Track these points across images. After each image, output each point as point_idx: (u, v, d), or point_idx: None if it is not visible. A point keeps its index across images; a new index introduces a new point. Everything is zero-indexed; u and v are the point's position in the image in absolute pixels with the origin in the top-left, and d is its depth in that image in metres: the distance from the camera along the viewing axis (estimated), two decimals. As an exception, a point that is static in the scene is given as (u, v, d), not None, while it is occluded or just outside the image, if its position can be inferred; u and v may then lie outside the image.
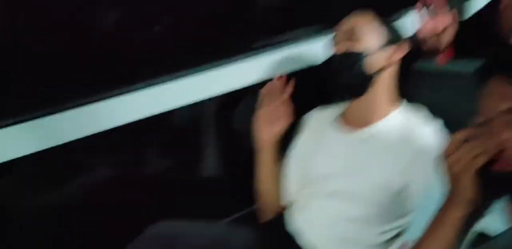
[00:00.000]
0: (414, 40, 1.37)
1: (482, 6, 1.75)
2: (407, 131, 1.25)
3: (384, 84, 1.29)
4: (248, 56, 1.49)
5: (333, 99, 1.45)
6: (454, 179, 0.87)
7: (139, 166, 1.54)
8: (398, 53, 1.30)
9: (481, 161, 0.84)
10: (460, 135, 0.86)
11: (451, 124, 1.22)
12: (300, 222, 1.32)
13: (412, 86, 1.38)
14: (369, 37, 1.27)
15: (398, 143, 1.24)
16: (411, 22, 1.75)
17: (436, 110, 1.30)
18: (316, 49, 1.54)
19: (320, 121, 1.41)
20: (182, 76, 1.40)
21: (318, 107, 1.46)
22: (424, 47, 1.44)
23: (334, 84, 1.30)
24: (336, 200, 1.27)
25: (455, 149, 0.86)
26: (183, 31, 1.46)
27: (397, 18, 1.74)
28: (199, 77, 1.42)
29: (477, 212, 0.93)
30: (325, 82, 1.31)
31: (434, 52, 1.44)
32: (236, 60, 1.48)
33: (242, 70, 1.48)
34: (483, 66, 0.93)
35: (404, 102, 1.33)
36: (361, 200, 1.24)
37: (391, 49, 1.29)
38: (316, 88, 1.41)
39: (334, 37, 1.32)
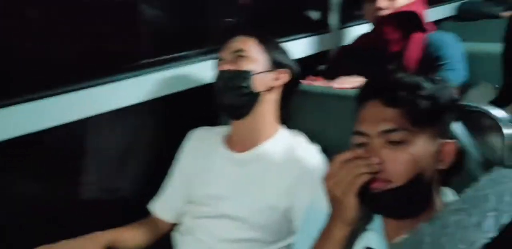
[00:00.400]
0: (298, 66, 1.39)
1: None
2: (291, 152, 1.27)
3: (269, 107, 1.31)
4: (135, 75, 1.43)
5: (221, 119, 1.44)
6: (336, 200, 0.89)
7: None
8: (283, 77, 1.31)
9: (361, 181, 0.87)
10: (341, 157, 0.89)
11: (333, 146, 1.26)
12: (187, 243, 1.30)
13: (296, 108, 1.40)
14: (254, 58, 1.29)
15: (282, 165, 1.26)
16: (298, 48, 1.83)
17: (319, 132, 1.33)
18: (204, 69, 1.53)
19: (206, 140, 1.39)
20: (63, 93, 1.28)
21: (204, 126, 1.44)
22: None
23: (220, 104, 1.30)
24: (222, 221, 1.27)
25: (336, 171, 0.88)
26: (61, 48, 1.36)
27: (284, 43, 1.81)
28: (81, 95, 1.32)
29: (361, 227, 0.96)
30: (212, 101, 1.31)
31: None
32: (121, 79, 1.40)
33: (127, 89, 1.40)
34: (362, 90, 0.98)
35: (286, 125, 1.34)
36: (247, 223, 1.24)
37: (276, 72, 1.31)
38: (204, 108, 1.39)
39: (220, 58, 1.32)
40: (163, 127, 1.57)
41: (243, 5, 2.03)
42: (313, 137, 1.32)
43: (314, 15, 2.13)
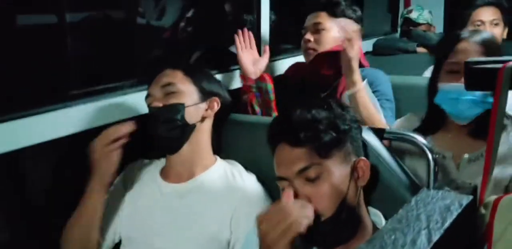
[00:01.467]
0: (228, 96, 1.41)
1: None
2: (229, 182, 1.27)
3: (203, 136, 1.31)
4: (67, 105, 1.39)
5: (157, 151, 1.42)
6: (267, 247, 0.88)
7: None
8: (214, 105, 1.32)
9: (296, 231, 0.87)
10: (279, 203, 0.92)
11: (268, 174, 1.28)
12: None
13: (229, 137, 1.42)
14: (183, 91, 1.28)
15: (221, 195, 1.26)
16: (231, 79, 1.88)
17: (253, 161, 1.35)
18: (139, 100, 1.52)
19: (143, 173, 1.36)
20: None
21: (142, 159, 1.41)
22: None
23: (154, 139, 1.29)
24: None
25: (273, 215, 0.89)
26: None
27: (219, 74, 1.85)
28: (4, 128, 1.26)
29: None
30: (147, 134, 1.30)
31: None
32: (52, 110, 1.36)
33: (58, 120, 1.37)
34: (268, 135, 1.03)
35: (219, 154, 1.35)
36: None
37: (207, 102, 1.31)
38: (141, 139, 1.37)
39: (149, 93, 1.31)
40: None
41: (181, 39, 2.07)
42: (248, 166, 1.33)
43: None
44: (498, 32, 2.07)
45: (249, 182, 1.27)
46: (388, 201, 1.07)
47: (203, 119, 1.31)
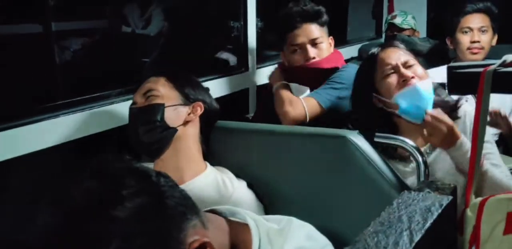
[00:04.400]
0: (215, 103, 1.39)
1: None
2: (220, 189, 1.25)
3: (189, 143, 1.30)
4: (51, 116, 1.37)
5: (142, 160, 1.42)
6: None
7: None
8: (197, 110, 1.31)
9: None
10: None
11: (258, 180, 1.29)
12: None
13: (218, 144, 1.39)
14: (164, 95, 1.29)
15: (211, 202, 1.23)
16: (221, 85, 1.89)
17: (242, 167, 1.33)
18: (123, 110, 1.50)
19: None
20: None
21: None
22: None
23: (135, 142, 1.29)
24: None
25: None
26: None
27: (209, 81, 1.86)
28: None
29: None
30: (131, 142, 1.29)
31: None
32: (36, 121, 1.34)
33: (42, 131, 1.34)
34: None
35: (211, 162, 1.32)
36: None
37: (189, 106, 1.30)
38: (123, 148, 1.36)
39: (133, 101, 1.32)
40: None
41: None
42: (239, 173, 1.32)
43: (233, 57, 2.22)
44: (487, 39, 2.08)
45: (240, 189, 1.26)
46: (379, 203, 1.08)
47: (185, 123, 1.29)
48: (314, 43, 1.71)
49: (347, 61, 2.77)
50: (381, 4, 3.52)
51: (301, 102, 1.60)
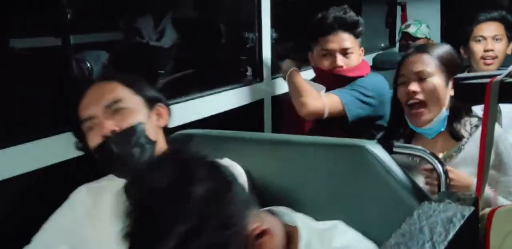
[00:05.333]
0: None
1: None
2: None
3: (162, 146, 1.19)
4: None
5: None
6: None
7: None
8: (161, 114, 1.20)
9: None
10: None
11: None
12: None
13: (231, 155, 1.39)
14: (133, 107, 1.14)
15: None
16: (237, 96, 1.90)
17: (259, 178, 1.30)
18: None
19: (95, 197, 1.22)
20: None
21: (87, 183, 1.27)
22: None
23: (120, 169, 1.14)
24: None
25: None
26: None
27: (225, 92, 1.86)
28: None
29: None
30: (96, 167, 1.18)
31: None
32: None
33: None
34: None
35: None
36: None
37: (155, 110, 1.19)
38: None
39: (91, 117, 1.13)
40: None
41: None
42: (253, 183, 1.32)
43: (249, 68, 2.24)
44: (501, 47, 2.06)
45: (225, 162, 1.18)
46: (398, 214, 1.07)
47: (157, 129, 1.18)
48: (345, 52, 1.73)
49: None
50: (394, 13, 3.52)
51: (321, 96, 1.60)
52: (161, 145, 1.18)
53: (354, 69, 1.74)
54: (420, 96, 1.36)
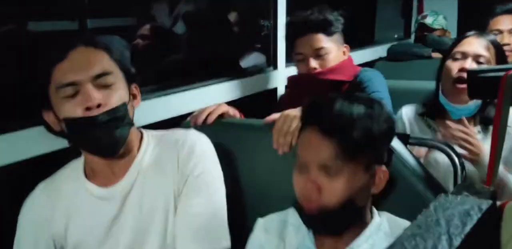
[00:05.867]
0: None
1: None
2: (164, 148, 1.17)
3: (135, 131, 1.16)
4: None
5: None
6: None
7: None
8: (136, 95, 1.15)
9: None
10: None
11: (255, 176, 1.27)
12: None
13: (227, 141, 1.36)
14: (119, 84, 1.07)
15: (166, 165, 1.15)
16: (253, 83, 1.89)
17: (269, 167, 1.31)
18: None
19: (60, 191, 1.17)
20: None
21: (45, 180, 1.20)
22: None
23: (94, 146, 1.09)
24: None
25: None
26: None
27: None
28: None
29: None
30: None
31: None
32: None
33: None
34: (303, 115, 1.05)
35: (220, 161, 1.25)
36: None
37: (133, 88, 1.14)
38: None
39: (77, 80, 1.02)
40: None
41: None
42: (245, 170, 1.30)
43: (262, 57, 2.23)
44: None
45: (181, 132, 1.21)
46: (414, 206, 1.07)
47: (132, 111, 1.13)
48: (317, 54, 1.67)
49: (375, 61, 2.76)
50: (410, 4, 3.48)
51: None
52: (134, 128, 1.14)
53: (335, 70, 1.67)
54: None
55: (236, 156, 1.32)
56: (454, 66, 1.52)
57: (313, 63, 1.67)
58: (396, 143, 1.12)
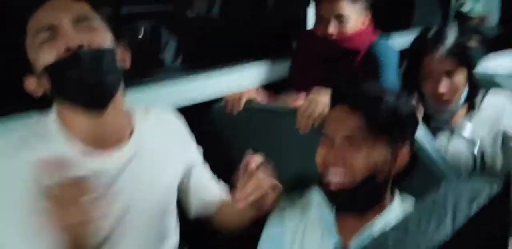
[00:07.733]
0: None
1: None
2: (158, 124, 1.13)
3: (122, 98, 1.02)
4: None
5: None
6: None
7: None
8: (125, 59, 1.02)
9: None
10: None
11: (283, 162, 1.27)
12: None
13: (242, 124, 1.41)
14: (102, 31, 0.95)
15: (158, 140, 1.10)
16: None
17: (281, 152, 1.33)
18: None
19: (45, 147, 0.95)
20: None
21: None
22: None
23: (80, 92, 0.92)
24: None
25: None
26: None
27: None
28: None
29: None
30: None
31: None
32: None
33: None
34: (333, 94, 1.09)
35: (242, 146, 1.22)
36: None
37: (121, 50, 1.01)
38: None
39: (50, 28, 0.91)
40: None
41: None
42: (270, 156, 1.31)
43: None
44: None
45: (168, 112, 1.19)
46: (427, 189, 1.07)
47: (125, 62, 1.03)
48: (338, 19, 1.66)
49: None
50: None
51: None
52: (122, 94, 1.01)
53: (351, 39, 1.67)
54: None
55: (263, 141, 1.36)
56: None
57: (332, 29, 1.67)
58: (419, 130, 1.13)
